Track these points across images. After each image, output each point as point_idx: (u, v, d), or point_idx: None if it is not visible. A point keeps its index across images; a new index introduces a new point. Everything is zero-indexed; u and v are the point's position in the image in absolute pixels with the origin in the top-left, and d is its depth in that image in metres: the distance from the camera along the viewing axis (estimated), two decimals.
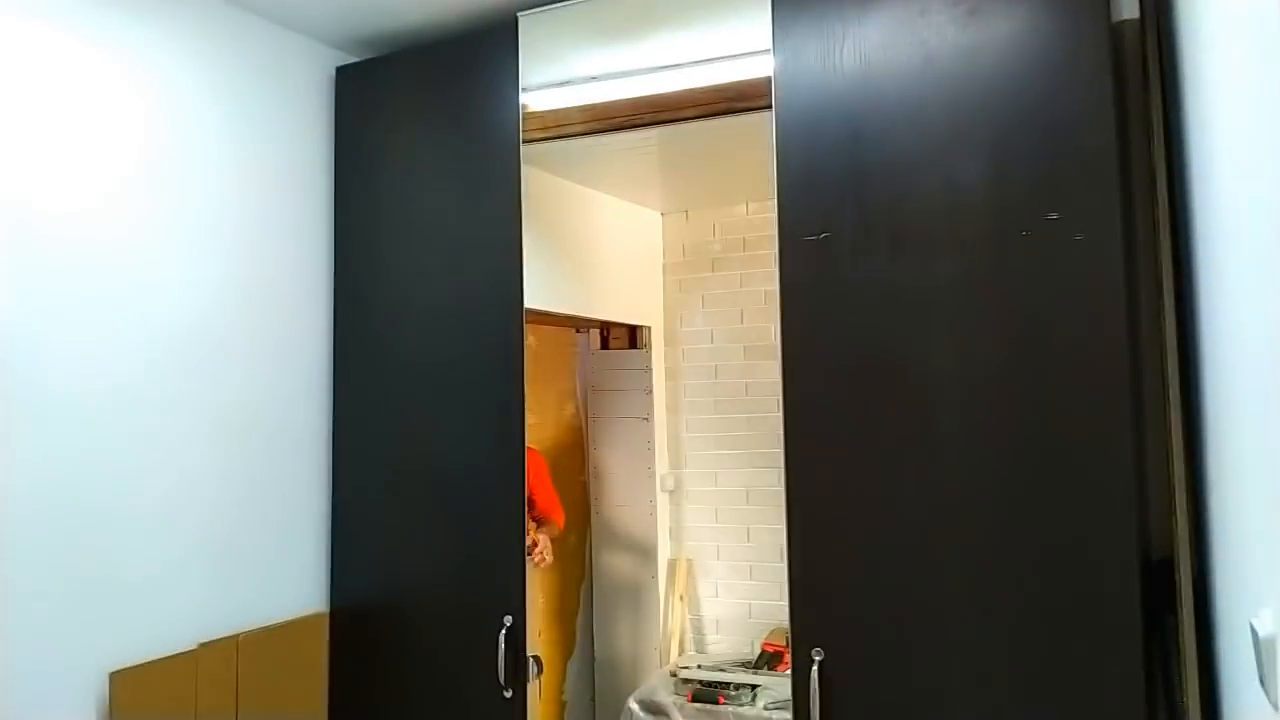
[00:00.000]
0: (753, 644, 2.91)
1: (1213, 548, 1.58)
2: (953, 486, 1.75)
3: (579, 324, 3.20)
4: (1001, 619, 1.71)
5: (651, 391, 3.13)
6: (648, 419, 3.11)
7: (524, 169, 2.21)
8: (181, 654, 1.97)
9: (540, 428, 3.08)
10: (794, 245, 1.90)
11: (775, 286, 1.91)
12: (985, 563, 1.73)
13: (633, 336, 3.21)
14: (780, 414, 1.88)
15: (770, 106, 1.93)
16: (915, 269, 1.80)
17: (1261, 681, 1.12)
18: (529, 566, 2.13)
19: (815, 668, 1.79)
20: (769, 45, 1.94)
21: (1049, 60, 1.72)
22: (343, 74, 2.49)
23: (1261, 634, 1.08)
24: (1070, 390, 1.68)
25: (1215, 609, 1.58)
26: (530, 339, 2.98)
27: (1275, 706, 1.06)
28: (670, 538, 3.12)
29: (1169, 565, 1.72)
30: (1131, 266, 1.75)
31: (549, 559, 2.55)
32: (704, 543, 3.09)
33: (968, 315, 1.76)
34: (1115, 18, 1.91)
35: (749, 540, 3.01)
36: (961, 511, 1.75)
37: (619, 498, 3.14)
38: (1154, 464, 1.78)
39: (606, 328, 3.23)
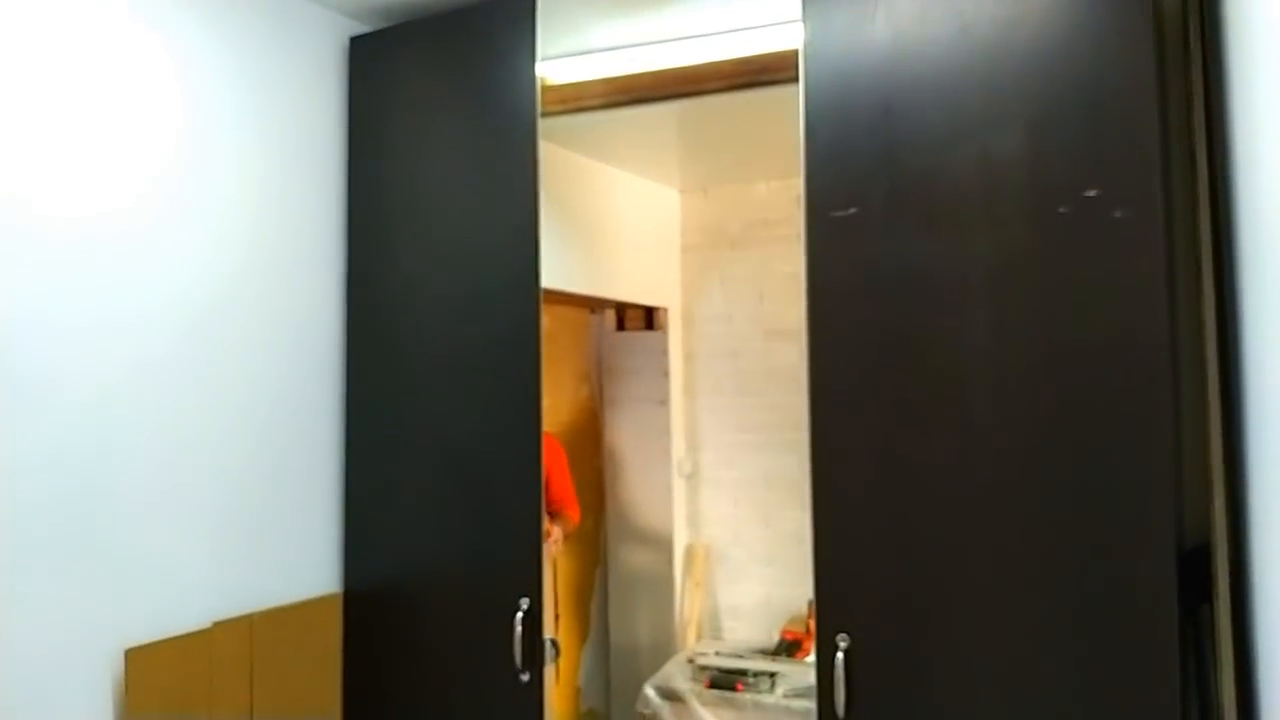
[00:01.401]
0: (771, 632, 2.88)
1: (1252, 535, 1.54)
2: (984, 471, 1.71)
3: (594, 305, 3.16)
4: (1033, 607, 1.67)
5: (668, 374, 3.09)
6: (664, 402, 3.07)
7: (542, 144, 2.16)
8: (196, 633, 1.95)
9: (554, 410, 3.04)
10: (822, 221, 1.85)
11: (798, 267, 1.86)
12: (1017, 550, 1.69)
13: (649, 318, 3.16)
14: (803, 398, 1.84)
15: (798, 79, 1.88)
16: (948, 247, 1.75)
17: None
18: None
19: (840, 654, 1.76)
20: (798, 15, 1.89)
21: (1089, 32, 1.67)
22: (357, 44, 2.44)
23: None
24: (1108, 374, 1.64)
25: (1253, 597, 1.54)
26: (544, 320, 2.95)
27: None
28: (687, 524, 3.08)
29: (1205, 553, 1.68)
30: (1172, 245, 1.70)
31: (556, 550, 2.53)
32: (721, 529, 3.05)
33: (1002, 295, 1.71)
34: None
35: (768, 527, 2.97)
36: (993, 497, 1.71)
37: (635, 482, 3.10)
38: (1191, 449, 1.74)
39: (622, 309, 3.18)
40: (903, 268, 1.78)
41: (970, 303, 1.73)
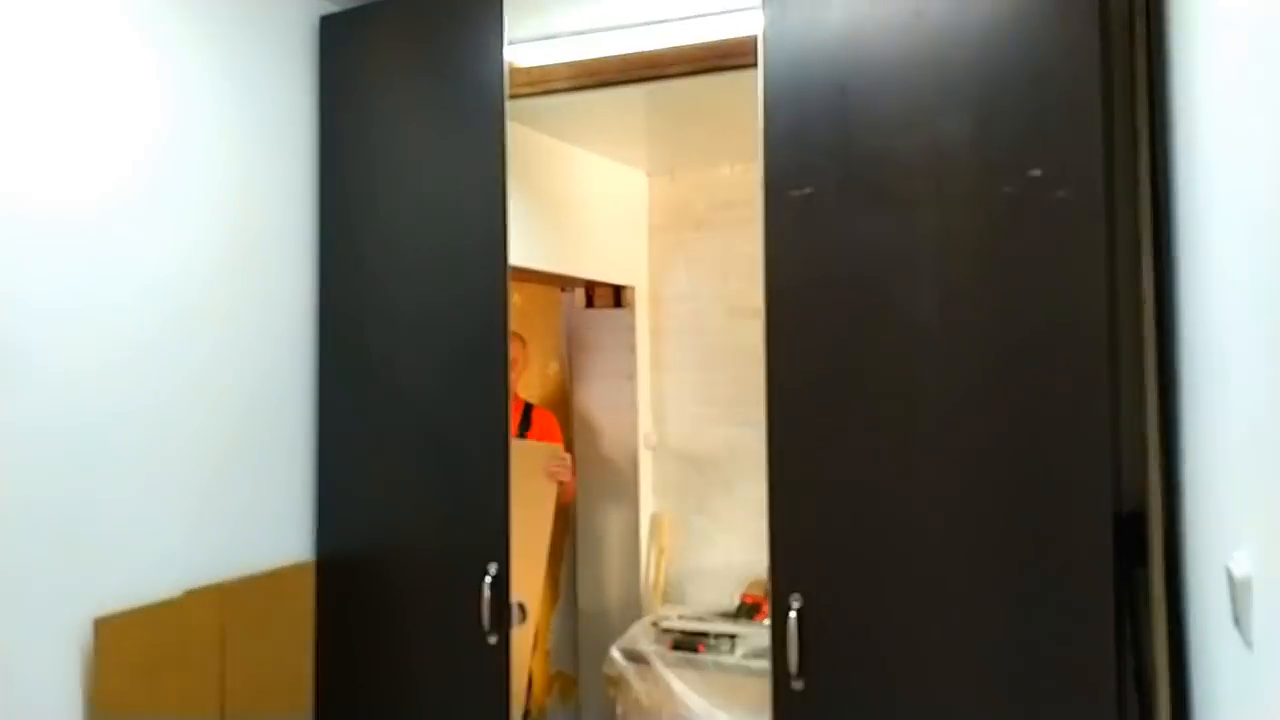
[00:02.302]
0: (732, 596, 2.96)
1: (1185, 500, 1.62)
2: (930, 439, 1.79)
3: (564, 283, 3.20)
4: (976, 568, 1.75)
5: (635, 350, 3.15)
6: (632, 377, 3.14)
7: (511, 125, 2.20)
8: (167, 602, 1.97)
9: (525, 385, 3.09)
10: (779, 200, 1.91)
11: (758, 246, 1.92)
12: (961, 514, 1.76)
13: (617, 296, 3.22)
14: (763, 373, 1.90)
15: (757, 64, 1.93)
16: (899, 224, 1.82)
17: (1236, 622, 1.16)
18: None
19: (794, 614, 1.84)
20: (758, 2, 1.94)
21: (1037, 18, 1.73)
22: (327, 23, 2.46)
23: (1237, 574, 1.12)
24: (1049, 346, 1.72)
25: (1185, 559, 1.63)
26: (515, 297, 2.99)
27: (1250, 645, 1.11)
28: (653, 493, 3.15)
29: (1140, 518, 1.77)
30: (1112, 224, 1.77)
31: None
32: (686, 498, 3.13)
33: (949, 270, 1.78)
34: None
35: (730, 495, 3.04)
36: (938, 464, 1.78)
37: (603, 454, 3.17)
38: (1128, 419, 1.82)
39: (591, 287, 3.23)
40: (856, 243, 1.85)
41: (919, 277, 1.80)
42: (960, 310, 1.78)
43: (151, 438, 2.01)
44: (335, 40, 2.45)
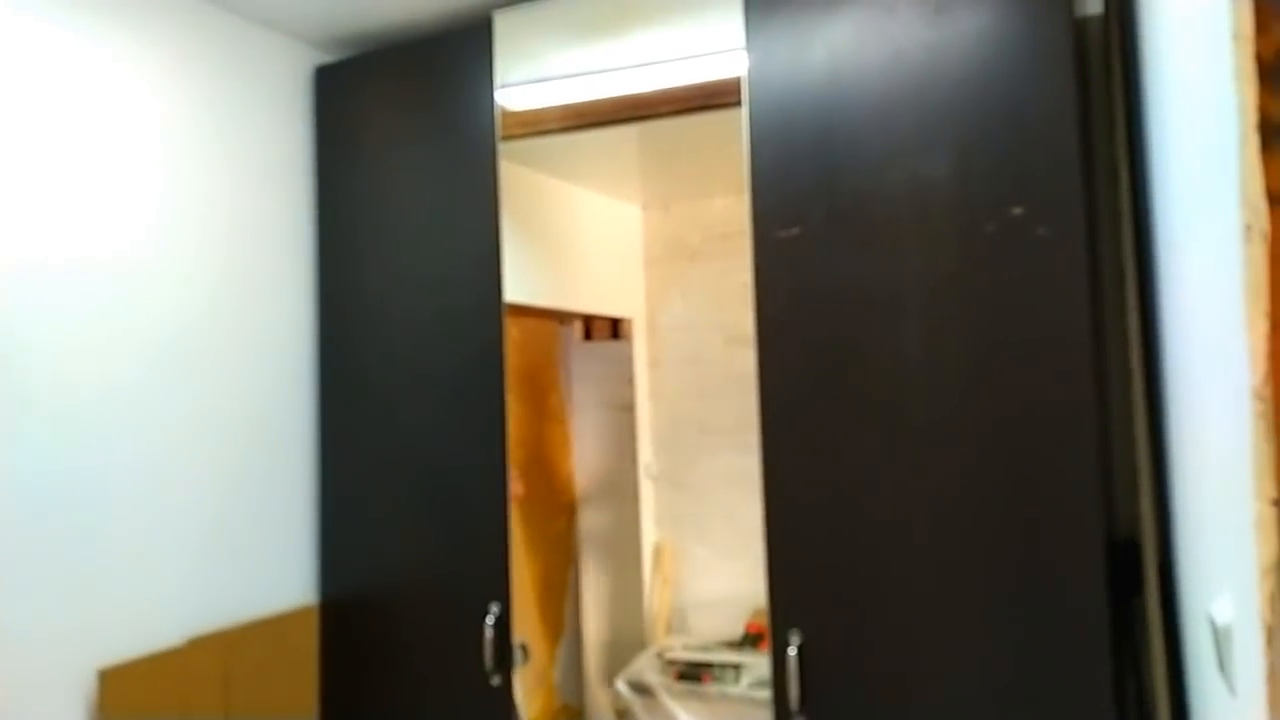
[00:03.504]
0: (736, 625, 2.96)
1: (1177, 532, 1.63)
2: (924, 473, 1.80)
3: (562, 317, 3.23)
4: (972, 600, 1.76)
5: (634, 381, 3.17)
6: (630, 408, 3.15)
7: (506, 165, 2.24)
8: (171, 650, 1.98)
9: (525, 418, 3.11)
10: (767, 241, 1.94)
11: (751, 278, 1.95)
12: (956, 547, 1.78)
13: (615, 328, 3.24)
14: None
15: (742, 104, 1.96)
16: (884, 264, 1.84)
17: (1221, 667, 1.15)
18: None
19: (794, 650, 1.85)
20: (742, 44, 1.97)
21: (1014, 56, 1.76)
22: (322, 73, 2.51)
23: (1219, 621, 1.12)
24: (1036, 381, 1.73)
25: (1180, 591, 1.63)
26: (514, 331, 3.01)
27: (1234, 693, 1.10)
28: (655, 523, 3.16)
29: (1137, 546, 1.77)
30: (1095, 259, 1.79)
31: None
32: (688, 527, 3.13)
33: (935, 309, 1.80)
34: (1079, 13, 1.95)
35: (732, 524, 3.05)
36: (932, 497, 1.80)
37: (603, 485, 3.18)
38: (1123, 449, 1.83)
39: (589, 320, 3.26)
40: (843, 283, 1.87)
41: (905, 316, 1.82)
42: (946, 347, 1.79)
43: (153, 484, 2.03)
44: (329, 90, 2.50)
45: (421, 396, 2.32)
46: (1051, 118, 1.73)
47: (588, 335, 3.27)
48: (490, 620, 2.14)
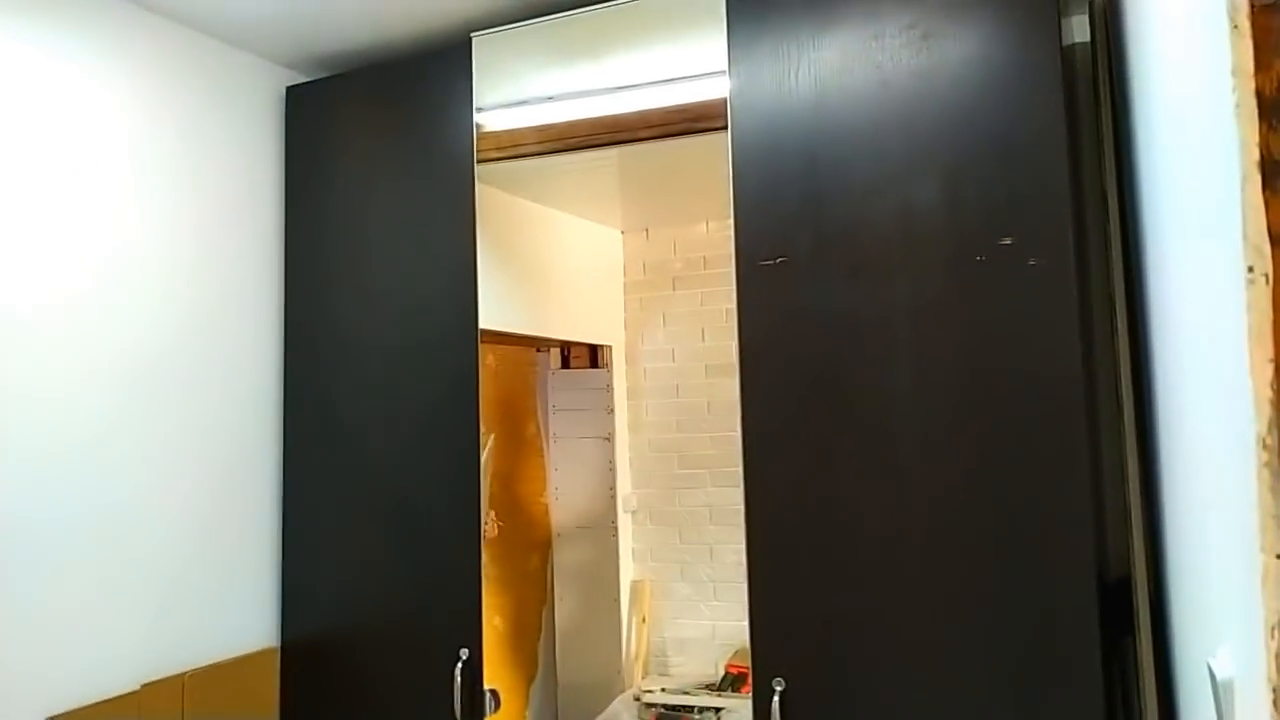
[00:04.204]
0: (717, 666, 2.89)
1: (1170, 573, 1.58)
2: (912, 511, 1.75)
3: (539, 344, 3.17)
4: (959, 640, 1.70)
5: (613, 410, 3.10)
6: (609, 438, 3.08)
7: (483, 189, 2.19)
8: (123, 695, 1.92)
9: (500, 448, 3.04)
10: (751, 269, 1.88)
11: (735, 305, 1.90)
12: (942, 587, 1.72)
13: (594, 355, 3.18)
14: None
15: (726, 128, 1.92)
16: (871, 293, 1.79)
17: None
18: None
19: (776, 698, 1.78)
20: (725, 67, 1.93)
21: (1001, 84, 1.72)
22: (293, 93, 2.45)
23: (1219, 676, 1.07)
24: (1026, 414, 1.68)
25: (1173, 633, 1.58)
26: (489, 358, 2.94)
27: None
28: (633, 559, 3.09)
29: (1128, 585, 1.73)
30: (1085, 290, 1.75)
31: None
32: (667, 563, 3.06)
33: (924, 340, 1.76)
34: (1067, 41, 1.92)
35: (712, 561, 2.98)
36: (920, 537, 1.74)
37: (581, 519, 3.11)
38: (1114, 484, 1.78)
39: (567, 347, 3.20)
40: (829, 313, 1.82)
41: (894, 347, 1.77)
42: (936, 378, 1.74)
43: (109, 525, 1.96)
44: (301, 110, 2.44)
45: (391, 431, 2.25)
46: (1040, 146, 1.69)
47: (565, 363, 3.21)
48: (460, 665, 2.06)
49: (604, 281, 3.14)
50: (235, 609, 2.23)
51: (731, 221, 1.90)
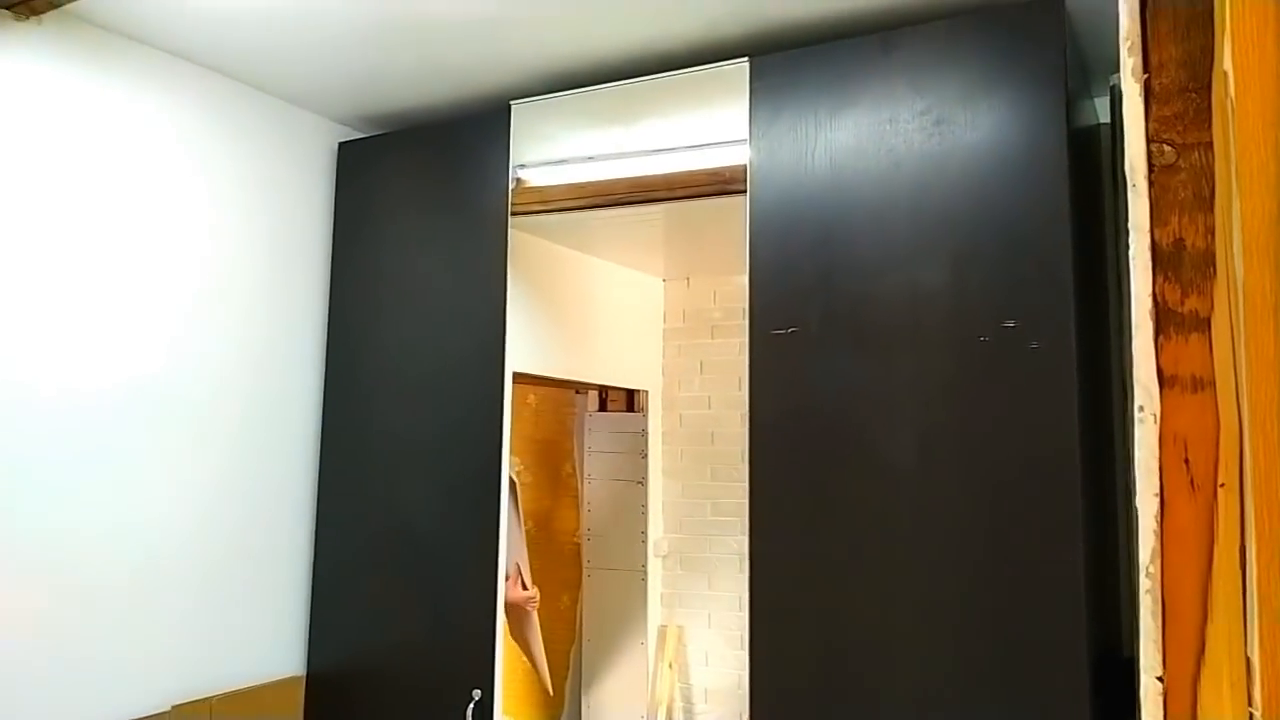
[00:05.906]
0: (741, 715, 2.90)
1: None
2: (912, 581, 1.78)
3: (578, 386, 3.24)
4: (956, 713, 1.72)
5: (647, 455, 3.15)
6: (643, 482, 3.14)
7: (528, 238, 2.29)
8: (154, 715, 2.01)
9: (536, 486, 3.12)
10: (763, 338, 1.94)
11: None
12: (940, 657, 1.74)
13: (630, 399, 3.24)
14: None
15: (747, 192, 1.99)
16: (878, 368, 1.83)
17: None
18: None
19: None
20: (746, 137, 2.00)
21: (1010, 170, 1.75)
22: (345, 148, 2.59)
23: None
24: (1025, 494, 1.70)
25: None
26: (530, 397, 3.03)
27: None
28: (662, 603, 3.13)
29: (1133, 665, 1.71)
30: (1096, 372, 1.76)
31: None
32: (696, 609, 3.09)
33: (927, 415, 1.79)
34: (1091, 121, 1.93)
35: (741, 609, 3.00)
36: (921, 605, 1.77)
37: (611, 561, 3.16)
38: (1112, 562, 1.78)
39: (605, 390, 3.26)
40: (836, 385, 1.86)
41: (897, 424, 1.81)
42: (938, 454, 1.77)
43: (146, 550, 2.06)
44: (352, 164, 2.58)
45: (419, 471, 2.35)
46: (1046, 233, 1.72)
47: (603, 406, 3.28)
48: (471, 706, 2.13)
49: (643, 327, 3.20)
50: (264, 637, 2.33)
51: (746, 290, 1.96)
